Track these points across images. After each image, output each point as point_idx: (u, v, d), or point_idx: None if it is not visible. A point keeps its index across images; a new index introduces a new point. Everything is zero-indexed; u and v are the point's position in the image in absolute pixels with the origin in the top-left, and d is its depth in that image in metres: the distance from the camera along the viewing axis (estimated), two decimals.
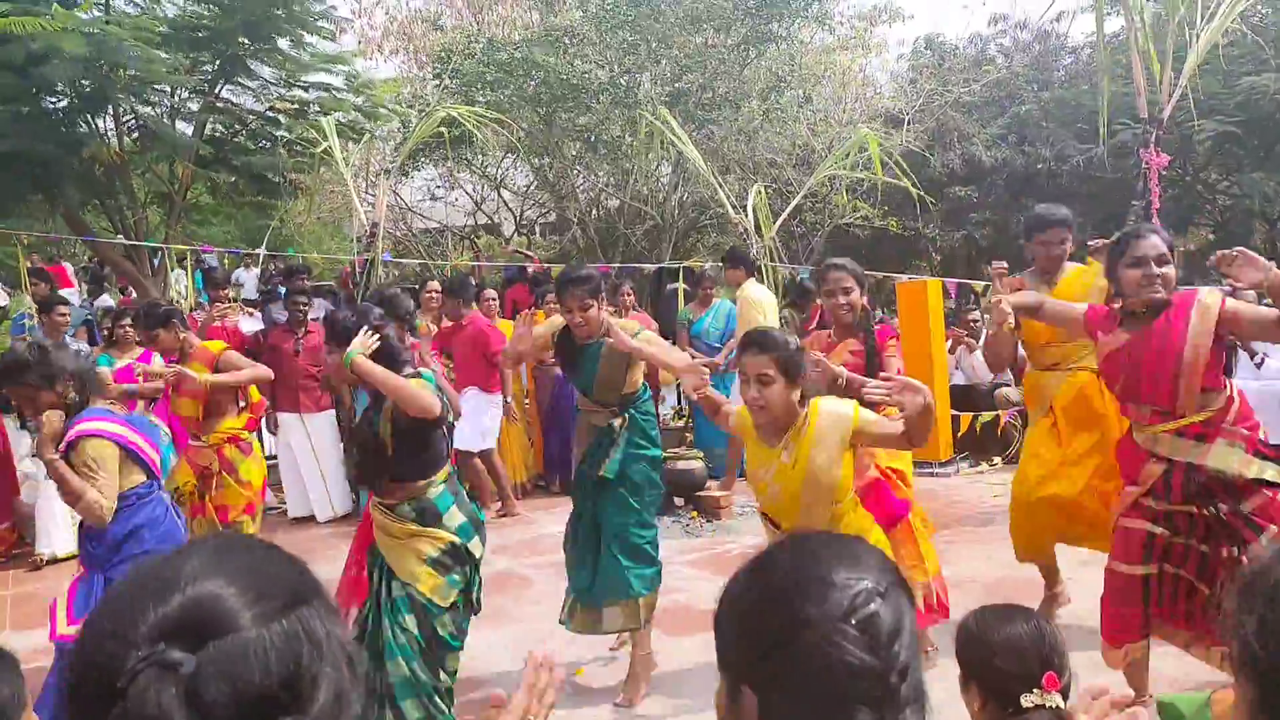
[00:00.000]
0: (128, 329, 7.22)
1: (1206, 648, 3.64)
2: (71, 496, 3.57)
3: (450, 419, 3.80)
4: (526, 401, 9.32)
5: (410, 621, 3.51)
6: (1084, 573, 5.11)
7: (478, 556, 3.72)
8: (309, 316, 8.53)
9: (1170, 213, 11.97)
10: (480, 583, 3.82)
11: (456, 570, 3.61)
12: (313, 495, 8.53)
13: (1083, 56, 17.82)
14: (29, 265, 10.29)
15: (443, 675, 3.58)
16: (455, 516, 3.65)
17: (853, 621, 1.10)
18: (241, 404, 5.49)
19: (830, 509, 3.43)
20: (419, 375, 3.64)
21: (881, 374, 3.73)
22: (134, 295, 11.40)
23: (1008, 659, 2.14)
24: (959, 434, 9.14)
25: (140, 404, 6.73)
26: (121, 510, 3.69)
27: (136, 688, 0.84)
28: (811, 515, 3.40)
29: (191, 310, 9.88)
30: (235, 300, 9.08)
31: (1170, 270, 3.53)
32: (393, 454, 3.56)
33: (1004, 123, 16.84)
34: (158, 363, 5.84)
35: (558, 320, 4.56)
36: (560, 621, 4.69)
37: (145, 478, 3.81)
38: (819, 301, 6.43)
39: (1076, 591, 5.02)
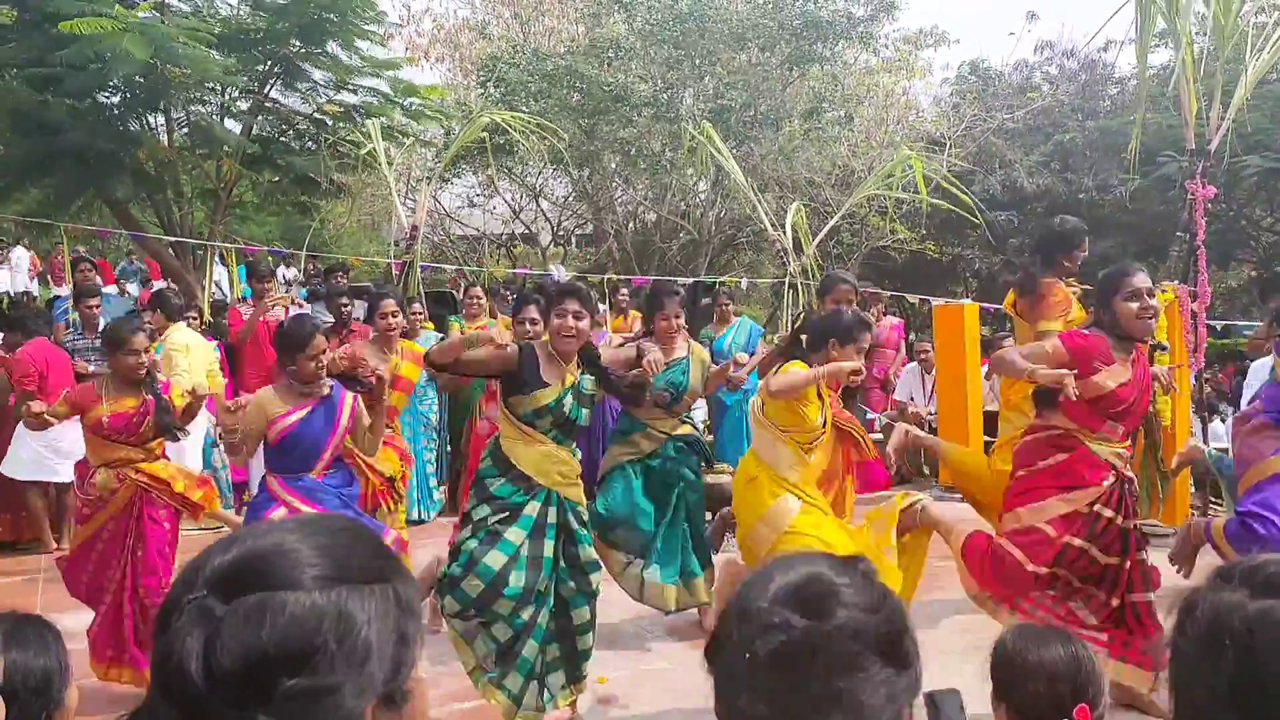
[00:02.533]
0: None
1: (1116, 660, 3.93)
2: None
3: None
4: None
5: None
6: None
7: None
8: (352, 316, 8.58)
9: (1213, 247, 11.83)
10: None
11: None
12: None
13: (1129, 87, 17.70)
14: (76, 256, 10.47)
15: None
16: None
17: (746, 658, 1.05)
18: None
19: None
20: None
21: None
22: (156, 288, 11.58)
23: (1040, 683, 2.08)
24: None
25: None
26: None
27: (175, 625, 0.91)
28: None
29: (235, 304, 10.01)
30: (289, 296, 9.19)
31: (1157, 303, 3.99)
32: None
33: (1047, 150, 16.75)
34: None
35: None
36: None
37: None
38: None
39: None
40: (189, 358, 7.48)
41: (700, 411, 10.42)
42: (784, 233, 10.00)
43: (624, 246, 16.08)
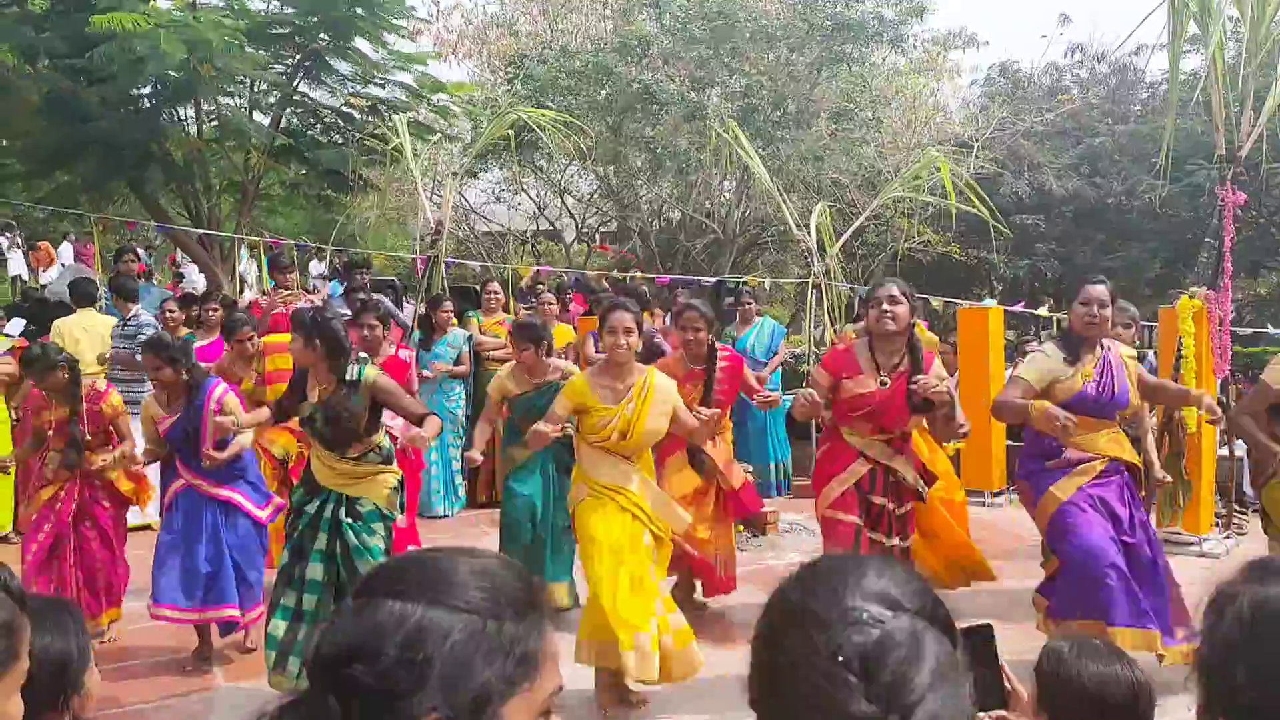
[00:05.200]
0: (211, 313, 8.11)
1: None
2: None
3: None
4: None
5: (380, 528, 4.55)
6: None
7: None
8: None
9: (1242, 255, 11.73)
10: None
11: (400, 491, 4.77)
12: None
13: (1159, 92, 17.54)
14: (122, 247, 10.57)
15: None
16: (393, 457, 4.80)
17: (840, 661, 1.00)
18: None
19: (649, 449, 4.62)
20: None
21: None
22: (183, 284, 11.70)
23: (1089, 703, 1.94)
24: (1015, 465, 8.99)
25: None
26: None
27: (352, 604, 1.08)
28: (643, 451, 4.54)
29: (258, 297, 10.09)
30: (299, 286, 9.25)
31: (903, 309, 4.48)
32: (366, 421, 4.55)
33: (1076, 153, 16.61)
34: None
35: None
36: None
37: None
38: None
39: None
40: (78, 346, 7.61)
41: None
42: (809, 233, 9.97)
43: (649, 245, 16.07)
